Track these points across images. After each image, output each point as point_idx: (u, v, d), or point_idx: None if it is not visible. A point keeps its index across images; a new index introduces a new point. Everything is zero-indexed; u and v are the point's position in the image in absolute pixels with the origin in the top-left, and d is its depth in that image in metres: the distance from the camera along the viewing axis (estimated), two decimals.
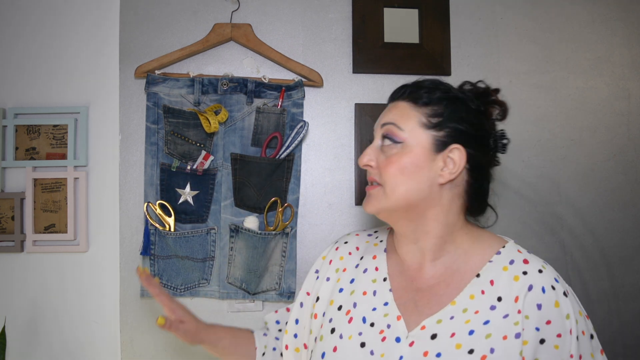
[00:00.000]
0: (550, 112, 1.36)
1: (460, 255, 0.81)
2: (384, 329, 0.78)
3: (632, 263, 1.37)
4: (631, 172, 1.39)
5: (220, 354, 0.96)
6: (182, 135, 1.21)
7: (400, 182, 0.77)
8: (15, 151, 1.23)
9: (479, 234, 0.83)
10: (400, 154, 0.78)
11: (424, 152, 0.78)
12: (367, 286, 0.85)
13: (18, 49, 1.25)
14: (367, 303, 0.82)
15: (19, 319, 1.22)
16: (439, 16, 1.32)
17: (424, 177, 0.78)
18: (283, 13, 1.29)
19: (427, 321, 0.75)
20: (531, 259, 0.78)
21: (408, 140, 0.78)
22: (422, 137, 0.78)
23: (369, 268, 0.88)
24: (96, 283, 1.24)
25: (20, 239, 1.22)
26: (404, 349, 0.74)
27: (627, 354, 1.35)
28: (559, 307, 0.72)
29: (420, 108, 0.79)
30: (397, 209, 0.79)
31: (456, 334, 0.72)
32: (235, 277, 1.22)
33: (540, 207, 1.35)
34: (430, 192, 0.78)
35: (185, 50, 1.22)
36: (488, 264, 0.78)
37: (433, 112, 0.79)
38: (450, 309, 0.75)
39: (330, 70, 1.30)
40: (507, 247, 0.80)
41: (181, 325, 0.89)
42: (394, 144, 0.79)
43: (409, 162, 0.78)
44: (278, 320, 1.01)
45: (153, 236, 1.20)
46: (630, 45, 1.40)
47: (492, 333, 0.71)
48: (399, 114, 0.81)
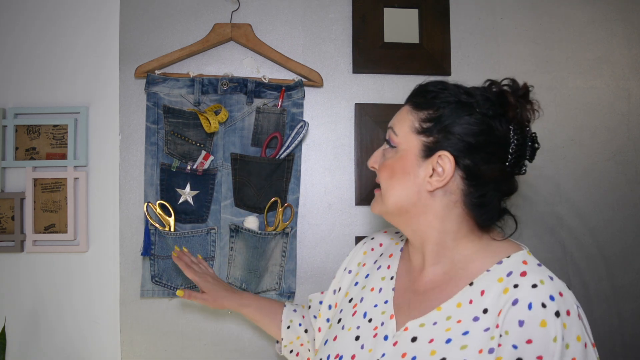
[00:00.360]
0: (550, 112, 1.36)
1: (461, 262, 0.77)
2: (378, 325, 0.79)
3: (632, 263, 1.37)
4: (631, 172, 1.39)
5: (249, 318, 1.09)
6: (182, 135, 1.21)
7: (390, 186, 0.79)
8: (15, 151, 1.23)
9: (487, 243, 0.78)
10: (393, 159, 0.79)
11: (413, 158, 0.77)
12: (376, 283, 0.87)
13: (18, 49, 1.25)
14: (372, 299, 0.85)
15: (19, 319, 1.22)
16: (439, 16, 1.32)
17: (410, 182, 0.77)
18: (283, 13, 1.29)
19: (411, 323, 0.75)
20: (532, 272, 0.70)
21: (400, 145, 0.79)
22: (413, 142, 0.77)
23: (382, 266, 0.90)
24: (96, 283, 1.24)
25: (20, 239, 1.22)
26: (387, 348, 0.75)
27: (627, 354, 1.35)
28: (546, 327, 0.64)
29: (417, 112, 0.79)
30: (392, 213, 0.81)
31: (434, 340, 0.71)
32: (236, 277, 1.22)
33: (540, 207, 1.35)
34: (419, 198, 0.77)
35: (185, 50, 1.22)
36: (485, 273, 0.73)
37: (426, 117, 0.77)
38: (435, 314, 0.74)
39: (330, 70, 1.30)
40: (512, 257, 0.74)
41: (199, 295, 1.06)
42: (391, 148, 0.81)
43: (398, 167, 0.78)
44: (321, 301, 1.05)
45: (153, 236, 1.20)
46: (630, 45, 1.40)
47: (469, 345, 0.67)
48: (399, 117, 0.81)
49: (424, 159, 0.76)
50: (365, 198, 1.28)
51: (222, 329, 1.25)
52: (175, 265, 1.21)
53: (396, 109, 0.84)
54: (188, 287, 1.21)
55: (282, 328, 1.04)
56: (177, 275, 1.21)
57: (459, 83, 0.80)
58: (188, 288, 1.22)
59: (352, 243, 1.29)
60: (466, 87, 0.79)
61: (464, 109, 0.75)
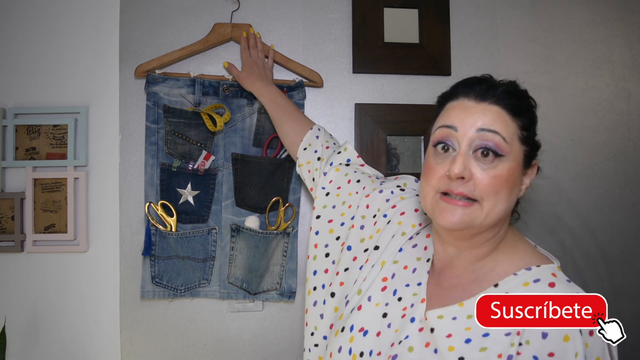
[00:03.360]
0: (550, 112, 1.36)
1: (491, 262, 0.77)
2: (407, 306, 0.78)
3: (632, 263, 1.38)
4: (631, 172, 1.39)
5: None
6: (183, 135, 1.21)
7: (497, 200, 0.71)
8: (15, 151, 1.23)
9: (515, 243, 0.79)
10: (501, 169, 0.70)
11: (519, 169, 0.73)
12: (410, 261, 0.84)
13: (18, 49, 1.25)
14: (404, 278, 0.82)
15: (19, 319, 1.22)
16: (439, 16, 1.32)
17: (514, 195, 0.74)
18: (283, 13, 1.29)
19: (430, 313, 0.74)
20: (560, 286, 0.68)
21: (510, 155, 0.71)
22: (519, 151, 0.73)
23: (419, 245, 0.86)
24: (96, 283, 1.24)
25: (20, 239, 1.22)
26: (413, 331, 0.74)
27: (627, 354, 1.35)
28: (569, 342, 0.64)
29: (516, 119, 0.73)
30: (487, 227, 0.74)
31: (452, 336, 0.70)
32: (236, 277, 1.22)
33: (540, 207, 1.35)
34: (511, 208, 0.75)
35: (185, 50, 1.22)
36: (512, 277, 0.72)
37: (524, 125, 0.73)
38: (455, 309, 0.73)
39: (330, 70, 1.30)
40: (542, 267, 0.72)
41: (237, 71, 1.21)
42: (495, 156, 0.70)
43: (510, 180, 0.71)
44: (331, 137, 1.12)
45: (154, 237, 1.20)
46: (630, 45, 1.40)
47: (489, 347, 0.67)
48: (498, 120, 0.71)
49: (525, 169, 0.75)
50: None
51: (222, 329, 1.25)
52: (176, 265, 1.21)
53: (396, 108, 0.84)
54: (188, 287, 1.21)
55: (299, 148, 1.09)
56: (177, 276, 1.21)
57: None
58: (188, 288, 1.22)
59: None
60: (518, 84, 0.78)
61: (534, 111, 0.77)
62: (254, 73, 1.18)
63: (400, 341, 0.74)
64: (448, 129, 0.73)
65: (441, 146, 0.74)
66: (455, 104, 0.75)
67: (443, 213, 0.72)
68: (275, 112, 1.15)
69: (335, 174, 1.02)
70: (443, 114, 0.77)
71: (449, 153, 0.73)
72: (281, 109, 1.15)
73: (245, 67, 1.20)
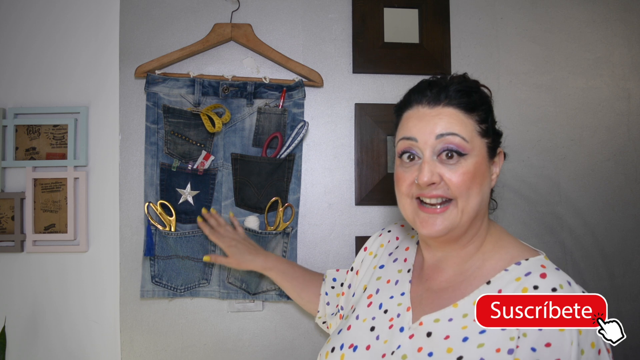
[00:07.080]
0: (550, 112, 1.36)
1: (479, 260, 0.78)
2: (394, 317, 0.80)
3: (632, 263, 1.37)
4: (631, 172, 1.39)
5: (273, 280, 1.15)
6: (183, 135, 1.21)
7: (470, 196, 0.73)
8: (15, 151, 1.23)
9: (499, 238, 0.80)
10: (467, 166, 0.73)
11: (485, 162, 0.76)
12: (392, 275, 0.87)
13: (18, 49, 1.25)
14: (388, 291, 0.85)
15: (19, 319, 1.22)
16: (439, 16, 1.32)
17: (486, 187, 0.77)
18: (283, 13, 1.29)
19: (425, 318, 0.75)
20: (551, 275, 0.71)
21: (473, 152, 0.74)
22: (481, 145, 0.75)
23: (399, 258, 0.90)
24: (96, 283, 1.24)
25: (20, 239, 1.22)
26: (404, 339, 0.75)
27: (628, 355, 1.35)
28: (564, 331, 0.66)
29: (471, 114, 0.75)
30: (467, 225, 0.76)
31: (450, 337, 0.71)
32: (236, 277, 1.22)
33: (540, 207, 1.35)
34: (486, 200, 0.78)
35: (185, 50, 1.22)
36: (503, 273, 0.74)
37: (480, 118, 0.75)
38: (450, 310, 0.74)
39: (330, 70, 1.30)
40: (530, 260, 0.74)
41: (223, 258, 1.12)
42: (460, 156, 0.73)
43: (478, 175, 0.74)
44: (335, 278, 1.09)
45: (153, 236, 1.20)
46: (630, 45, 1.40)
47: (486, 343, 0.68)
48: (454, 122, 0.74)
49: (491, 159, 0.78)
50: (365, 198, 1.28)
51: (222, 329, 1.25)
52: (176, 265, 1.21)
53: None
54: (188, 287, 1.21)
55: (321, 303, 1.08)
56: (177, 276, 1.21)
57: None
58: (188, 287, 1.22)
59: (352, 243, 1.29)
60: (468, 78, 0.81)
61: (489, 101, 0.79)
62: (240, 251, 1.11)
63: (393, 352, 0.75)
64: (409, 141, 0.76)
65: (406, 156, 0.77)
66: (410, 114, 0.78)
67: (423, 223, 0.75)
68: (288, 283, 1.12)
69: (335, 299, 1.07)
70: (401, 124, 0.79)
71: (415, 161, 0.76)
72: (294, 279, 1.12)
73: (229, 250, 1.11)
